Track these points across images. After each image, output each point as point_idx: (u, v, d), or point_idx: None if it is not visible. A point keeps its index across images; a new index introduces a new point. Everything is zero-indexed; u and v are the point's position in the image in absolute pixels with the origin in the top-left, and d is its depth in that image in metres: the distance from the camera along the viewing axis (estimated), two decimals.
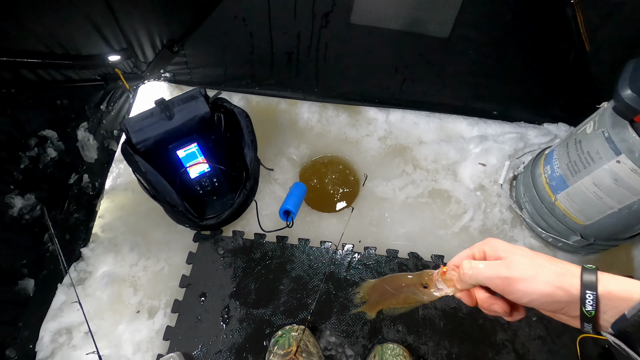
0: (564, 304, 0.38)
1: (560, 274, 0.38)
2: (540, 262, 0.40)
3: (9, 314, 0.88)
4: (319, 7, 1.18)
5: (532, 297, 0.39)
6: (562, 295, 0.37)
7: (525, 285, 0.39)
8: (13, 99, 0.93)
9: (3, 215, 0.89)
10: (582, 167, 1.00)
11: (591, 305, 0.36)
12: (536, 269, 0.39)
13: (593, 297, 0.36)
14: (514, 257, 0.41)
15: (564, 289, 0.37)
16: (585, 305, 0.36)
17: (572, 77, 1.28)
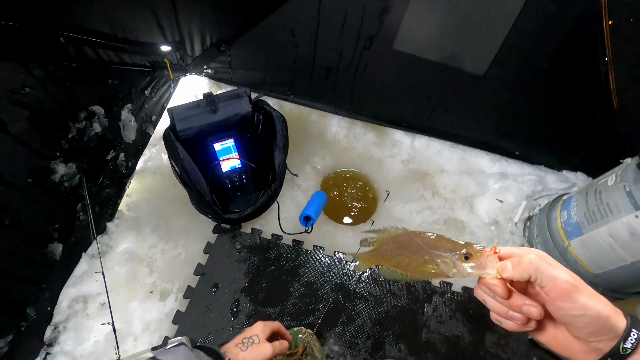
0: (606, 332, 0.38)
1: (610, 305, 0.39)
2: (592, 293, 0.40)
3: (35, 274, 0.92)
4: (366, 30, 1.24)
5: (590, 313, 0.38)
6: (612, 325, 0.38)
7: (589, 299, 0.38)
8: (73, 73, 0.99)
9: (46, 179, 0.93)
10: (600, 217, 1.03)
11: (632, 342, 0.37)
12: (596, 292, 0.39)
13: (637, 336, 0.37)
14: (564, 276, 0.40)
15: (615, 319, 0.38)
16: (626, 342, 0.37)
17: (596, 130, 1.32)
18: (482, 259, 0.43)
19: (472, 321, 1.14)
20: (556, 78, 1.25)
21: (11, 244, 0.85)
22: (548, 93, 1.29)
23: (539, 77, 1.25)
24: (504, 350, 1.10)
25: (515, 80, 1.27)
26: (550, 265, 0.40)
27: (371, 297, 1.14)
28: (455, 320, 1.14)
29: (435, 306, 1.15)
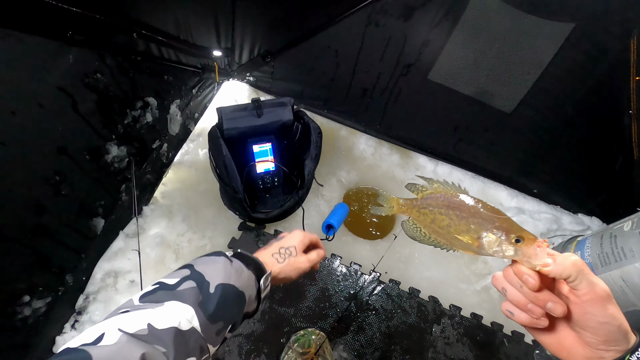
0: (619, 344, 0.41)
1: (627, 323, 0.42)
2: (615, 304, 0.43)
3: (78, 243, 0.98)
4: (404, 58, 1.33)
5: (615, 323, 0.40)
6: (623, 336, 0.41)
7: (617, 311, 0.41)
8: (138, 65, 1.09)
9: (100, 158, 1.01)
10: (614, 260, 1.06)
11: (637, 357, 0.40)
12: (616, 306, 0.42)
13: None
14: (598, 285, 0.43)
15: (627, 330, 0.41)
16: (632, 356, 0.40)
17: (615, 178, 1.37)
18: (532, 247, 0.42)
19: (479, 348, 1.16)
20: (581, 124, 1.31)
21: (64, 212, 0.92)
22: (572, 138, 1.35)
23: (565, 122, 1.31)
24: None
25: (542, 122, 1.34)
26: (590, 272, 0.42)
27: (382, 311, 1.18)
28: (462, 344, 1.16)
29: (443, 327, 1.18)
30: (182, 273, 0.52)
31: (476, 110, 1.38)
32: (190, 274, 0.51)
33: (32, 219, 0.84)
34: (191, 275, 0.51)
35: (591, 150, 1.35)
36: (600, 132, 1.31)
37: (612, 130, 1.28)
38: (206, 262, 0.54)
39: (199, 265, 0.53)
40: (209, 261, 0.54)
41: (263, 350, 1.06)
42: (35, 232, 0.85)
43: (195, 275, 0.51)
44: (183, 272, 0.52)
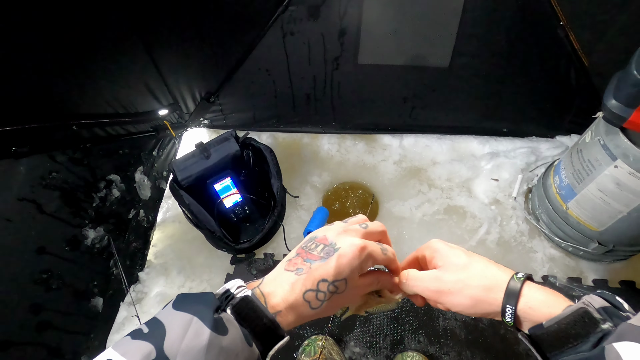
0: (487, 314, 0.42)
1: (487, 287, 0.41)
2: (471, 274, 0.42)
3: (84, 326, 1.07)
4: (329, 53, 1.36)
5: (458, 309, 0.42)
6: (485, 308, 0.41)
7: (452, 298, 0.41)
8: (88, 151, 1.18)
9: (80, 244, 1.10)
10: (586, 174, 1.04)
11: (510, 317, 0.39)
12: (465, 282, 0.41)
13: (511, 311, 0.39)
14: (448, 266, 0.43)
15: (487, 302, 0.40)
16: (505, 317, 0.40)
17: (576, 91, 1.33)
18: (386, 292, 0.48)
19: None
20: (520, 52, 1.29)
21: (60, 303, 1.01)
22: (517, 68, 1.32)
23: (503, 56, 1.30)
24: None
25: (481, 64, 1.32)
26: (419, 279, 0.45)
27: None
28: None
29: None
30: (145, 351, 0.31)
31: (416, 76, 1.39)
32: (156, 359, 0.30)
33: (32, 319, 0.94)
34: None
35: (542, 73, 1.32)
36: (542, 52, 1.28)
37: (552, 48, 1.25)
38: (182, 334, 0.32)
39: (171, 338, 0.32)
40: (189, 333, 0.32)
41: None
42: (38, 329, 0.94)
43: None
44: (147, 349, 0.31)
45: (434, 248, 0.46)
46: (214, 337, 0.32)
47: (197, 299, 0.36)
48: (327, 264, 0.39)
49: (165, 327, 0.33)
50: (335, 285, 0.39)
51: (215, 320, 0.33)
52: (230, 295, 0.38)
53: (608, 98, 0.91)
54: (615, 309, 0.37)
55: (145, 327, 0.34)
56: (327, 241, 0.43)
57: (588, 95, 1.31)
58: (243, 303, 0.36)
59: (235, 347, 0.33)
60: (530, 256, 1.23)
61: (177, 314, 0.34)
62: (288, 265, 0.42)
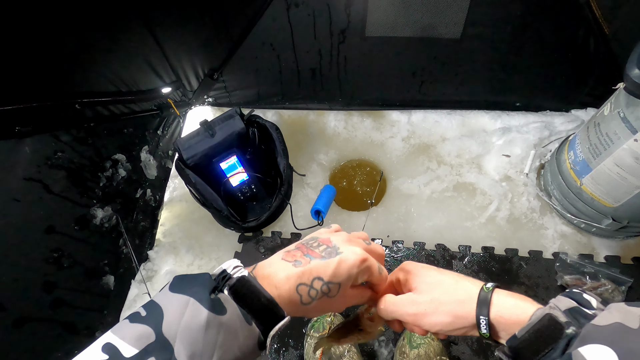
0: (465, 329, 0.41)
1: (460, 301, 0.41)
2: (444, 291, 0.42)
3: (97, 303, 1.09)
4: (335, 25, 1.31)
5: (437, 328, 0.42)
6: (462, 322, 0.41)
7: (429, 319, 0.42)
8: (92, 131, 1.17)
9: (89, 223, 1.11)
10: (603, 149, 1.00)
11: (485, 328, 0.40)
12: (439, 300, 0.42)
13: (486, 322, 0.39)
14: (421, 287, 0.44)
15: (462, 317, 0.41)
16: (481, 329, 0.40)
17: (595, 62, 1.27)
18: (365, 325, 0.50)
19: (497, 279, 1.15)
20: (537, 21, 1.22)
21: (73, 281, 1.03)
22: (533, 38, 1.26)
23: (519, 26, 1.23)
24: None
25: (495, 34, 1.26)
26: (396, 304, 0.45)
27: None
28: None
29: (456, 271, 1.17)
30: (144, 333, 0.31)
31: (425, 48, 1.34)
32: (155, 342, 0.31)
33: (46, 297, 0.95)
34: (155, 344, 0.31)
35: (558, 42, 1.26)
36: (559, 21, 1.21)
37: (571, 14, 1.18)
38: (180, 315, 0.32)
39: (169, 320, 0.32)
40: (187, 314, 0.32)
41: (289, 344, 1.12)
42: (53, 306, 0.96)
43: (161, 345, 0.31)
44: (146, 331, 0.31)
45: (407, 270, 0.46)
46: (212, 317, 0.32)
47: (193, 280, 0.36)
48: (327, 264, 0.39)
49: (163, 310, 0.32)
50: (329, 286, 0.39)
51: (213, 300, 0.33)
52: (227, 275, 0.37)
53: (631, 67, 0.87)
54: (581, 309, 0.36)
55: (143, 310, 0.34)
56: (330, 243, 0.42)
57: (608, 65, 1.25)
58: (240, 283, 0.36)
59: (234, 325, 0.33)
60: (541, 233, 1.22)
61: (174, 296, 0.33)
62: (286, 255, 0.41)
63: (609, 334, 0.31)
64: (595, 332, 0.32)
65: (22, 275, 0.92)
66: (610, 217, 1.09)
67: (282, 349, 1.11)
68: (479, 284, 0.43)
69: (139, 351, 0.30)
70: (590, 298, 0.37)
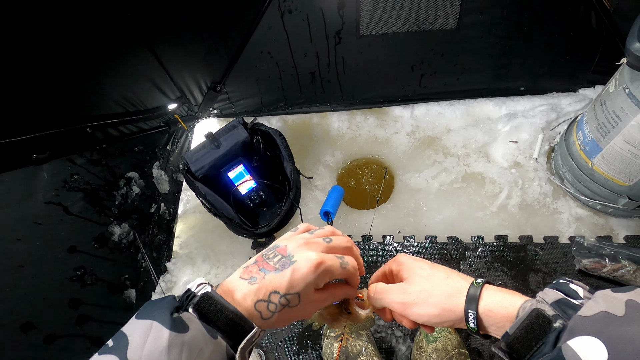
0: (452, 322, 0.42)
1: (449, 294, 0.42)
2: (434, 284, 0.43)
3: (121, 317, 1.14)
4: (330, 28, 1.32)
5: (424, 319, 0.43)
6: (449, 315, 0.42)
7: (417, 309, 0.43)
8: (105, 152, 1.22)
9: (107, 241, 1.16)
10: (611, 127, 0.98)
11: (473, 322, 0.41)
12: (428, 291, 0.43)
13: (474, 315, 0.40)
14: (413, 278, 0.45)
15: (450, 310, 0.42)
16: (469, 323, 0.41)
17: (598, 38, 1.24)
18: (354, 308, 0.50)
19: (512, 267, 1.13)
20: (534, 4, 1.20)
21: (97, 297, 1.08)
22: (532, 19, 1.24)
23: (515, 8, 1.22)
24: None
25: (493, 20, 1.25)
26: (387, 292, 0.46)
27: None
28: (494, 270, 1.14)
29: (470, 262, 1.16)
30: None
31: (422, 41, 1.33)
32: None
33: (72, 313, 1.00)
34: None
35: (558, 21, 1.24)
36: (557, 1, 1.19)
37: None
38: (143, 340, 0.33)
39: (133, 346, 0.33)
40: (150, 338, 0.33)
41: (308, 345, 1.13)
42: (79, 322, 1.01)
43: None
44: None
45: (400, 262, 0.47)
46: (174, 336, 0.32)
47: (157, 304, 0.36)
48: (280, 276, 0.39)
49: (128, 337, 0.33)
50: (287, 298, 0.38)
51: (174, 319, 0.33)
52: (191, 294, 0.37)
53: (632, 41, 0.85)
54: (568, 300, 0.36)
55: (111, 341, 0.35)
56: (285, 252, 0.42)
57: (612, 40, 1.22)
58: (203, 300, 0.36)
59: (198, 342, 0.33)
60: (556, 217, 1.19)
61: (138, 322, 0.34)
62: (243, 273, 0.41)
63: (595, 324, 0.31)
64: (582, 323, 0.32)
65: (49, 294, 0.97)
66: (626, 196, 1.06)
67: (301, 350, 1.13)
68: (469, 280, 0.43)
69: None
70: (577, 287, 0.37)
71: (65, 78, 1.07)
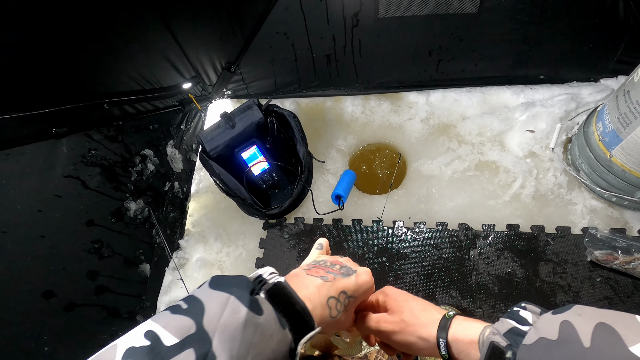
0: (428, 350, 0.45)
1: (424, 325, 0.45)
2: (413, 315, 0.46)
3: (136, 289, 1.17)
4: (348, 9, 1.30)
5: (403, 347, 0.47)
6: (423, 344, 0.45)
7: (396, 337, 0.46)
8: (121, 129, 1.23)
9: (123, 216, 1.18)
10: (633, 117, 0.96)
11: (444, 350, 0.43)
12: (407, 321, 0.46)
13: (444, 343, 0.43)
14: (395, 309, 0.48)
15: (425, 339, 0.44)
16: (440, 350, 0.44)
17: (625, 26, 1.20)
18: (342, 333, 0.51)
19: (523, 256, 1.13)
20: None
21: (113, 270, 1.11)
22: (556, 5, 1.20)
23: None
24: (562, 278, 1.08)
25: (516, 4, 1.22)
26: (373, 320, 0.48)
27: (414, 255, 1.21)
28: (504, 258, 1.14)
29: (480, 250, 1.17)
30: (185, 325, 0.32)
31: (441, 25, 1.30)
32: (195, 334, 0.32)
33: (90, 284, 1.04)
34: (195, 336, 0.31)
35: (584, 8, 1.20)
36: None
37: None
38: (220, 311, 0.33)
39: (209, 314, 0.32)
40: (227, 311, 0.33)
41: None
42: (97, 292, 1.05)
43: (200, 338, 0.31)
44: (187, 323, 0.32)
45: (386, 293, 0.50)
46: (250, 315, 0.32)
47: (233, 280, 0.36)
48: (349, 279, 0.43)
49: (204, 304, 0.33)
50: (349, 300, 0.42)
51: (252, 300, 0.34)
52: (263, 280, 0.38)
53: None
54: (518, 328, 0.38)
55: (184, 303, 0.35)
56: (342, 263, 0.46)
57: (638, 29, 1.18)
58: (276, 288, 0.37)
59: (270, 327, 0.33)
60: (569, 209, 1.18)
61: (214, 293, 0.34)
62: (310, 272, 0.42)
63: (536, 352, 0.34)
64: (527, 352, 0.34)
65: (68, 264, 1.00)
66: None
67: None
68: (442, 312, 0.47)
69: (179, 341, 0.31)
70: (527, 314, 0.39)
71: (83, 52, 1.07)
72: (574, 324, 0.33)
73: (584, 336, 0.32)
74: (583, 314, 0.34)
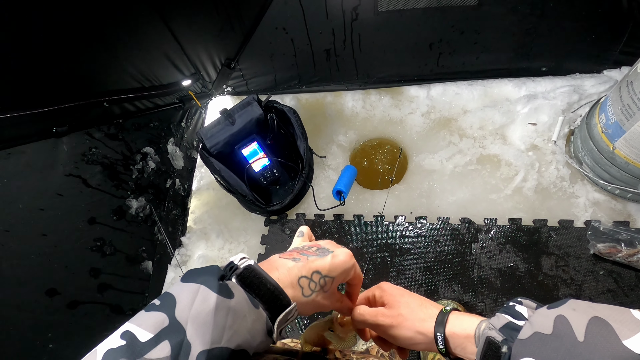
0: (425, 345, 0.45)
1: (422, 319, 0.46)
2: (410, 310, 0.47)
3: (139, 286, 1.18)
4: (347, 3, 1.29)
5: (400, 342, 0.47)
6: (421, 338, 0.45)
7: (393, 331, 0.47)
8: (121, 126, 1.23)
9: (125, 214, 1.19)
10: (637, 109, 0.95)
11: (441, 344, 0.44)
12: (405, 316, 0.47)
13: (442, 337, 0.44)
14: (392, 304, 0.48)
15: (422, 333, 0.45)
16: (438, 344, 0.44)
17: (628, 17, 1.18)
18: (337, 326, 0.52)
19: (525, 250, 1.13)
20: None
21: (115, 267, 1.12)
22: None
23: None
24: (564, 271, 1.07)
25: None
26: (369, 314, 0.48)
27: (416, 249, 1.20)
28: (505, 252, 1.14)
29: (482, 244, 1.17)
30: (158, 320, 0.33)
31: (441, 18, 1.29)
32: (169, 326, 0.33)
33: (93, 281, 1.04)
34: (169, 328, 0.33)
35: None
36: None
37: None
38: (191, 301, 0.34)
39: (181, 306, 0.34)
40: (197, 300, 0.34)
41: None
42: (100, 289, 1.05)
43: (174, 329, 0.33)
44: (160, 318, 0.33)
45: (383, 289, 0.51)
46: (220, 300, 0.33)
47: (203, 271, 0.38)
48: (323, 259, 0.42)
49: (176, 298, 0.34)
50: (325, 280, 0.42)
51: (220, 285, 0.35)
52: (234, 266, 0.39)
53: None
54: (513, 322, 0.38)
55: (158, 300, 0.36)
56: (320, 246, 0.46)
57: None
58: (246, 271, 0.38)
59: (242, 309, 0.35)
60: (572, 202, 1.17)
61: (185, 285, 0.36)
62: (283, 255, 0.43)
63: (531, 346, 0.34)
64: (522, 347, 0.35)
65: (71, 262, 1.00)
66: None
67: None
68: (439, 307, 0.47)
69: (153, 335, 0.32)
70: (523, 308, 0.39)
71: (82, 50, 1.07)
72: (568, 319, 0.33)
73: (578, 330, 0.32)
74: (577, 308, 0.34)
